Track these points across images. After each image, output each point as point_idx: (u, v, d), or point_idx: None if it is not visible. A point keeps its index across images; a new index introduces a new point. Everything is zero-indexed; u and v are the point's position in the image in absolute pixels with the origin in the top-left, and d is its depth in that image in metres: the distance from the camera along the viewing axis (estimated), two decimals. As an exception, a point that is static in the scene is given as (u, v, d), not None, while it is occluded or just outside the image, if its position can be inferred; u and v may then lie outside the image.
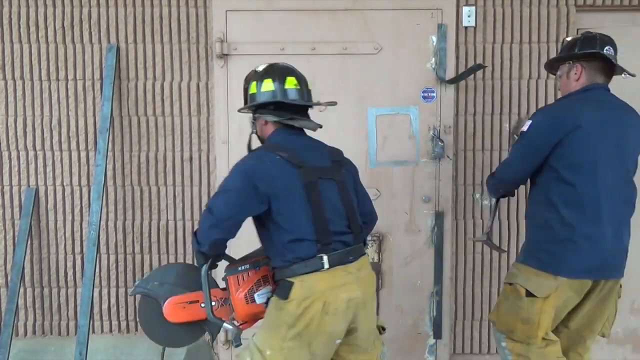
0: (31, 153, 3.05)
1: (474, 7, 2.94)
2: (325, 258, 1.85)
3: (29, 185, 3.07)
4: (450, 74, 2.94)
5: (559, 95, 2.89)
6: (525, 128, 2.16)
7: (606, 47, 2.15)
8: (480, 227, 3.03)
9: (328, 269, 1.85)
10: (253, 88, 2.00)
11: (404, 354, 3.08)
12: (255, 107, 2.02)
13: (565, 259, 2.09)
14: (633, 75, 2.24)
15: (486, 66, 2.93)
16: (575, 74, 2.19)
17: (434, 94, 2.96)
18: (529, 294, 2.12)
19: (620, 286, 2.26)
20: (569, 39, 2.29)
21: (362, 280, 1.94)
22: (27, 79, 3.02)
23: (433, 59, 2.95)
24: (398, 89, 2.97)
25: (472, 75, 2.94)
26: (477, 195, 3.04)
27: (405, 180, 3.00)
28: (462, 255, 3.06)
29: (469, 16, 2.94)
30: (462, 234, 3.05)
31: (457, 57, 2.96)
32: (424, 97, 2.97)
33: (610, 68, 2.20)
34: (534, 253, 2.17)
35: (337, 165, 2.02)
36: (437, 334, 3.04)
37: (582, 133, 2.04)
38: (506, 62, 2.98)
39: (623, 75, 2.25)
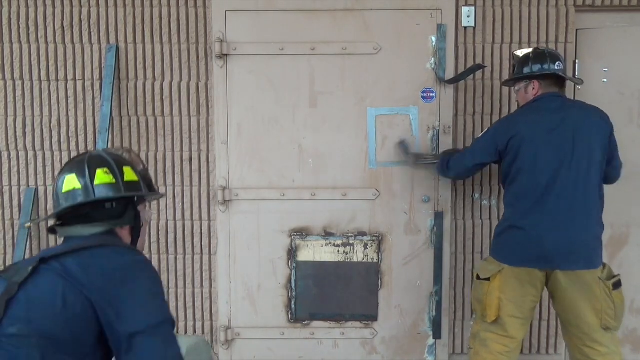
0: (30, 153, 3.05)
1: (473, 8, 2.94)
2: None
3: (28, 186, 3.06)
4: (449, 74, 2.94)
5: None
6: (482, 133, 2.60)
7: (557, 63, 2.46)
8: (480, 227, 3.04)
9: None
10: None
11: (404, 354, 3.08)
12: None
13: (506, 248, 2.42)
14: (581, 82, 2.74)
15: (486, 66, 2.94)
16: (533, 89, 2.49)
17: (434, 94, 2.97)
18: (478, 278, 2.47)
19: (611, 277, 2.39)
20: (519, 53, 2.57)
21: None
22: (26, 79, 3.02)
23: (432, 59, 2.95)
24: (397, 89, 2.97)
25: (472, 76, 2.94)
26: (477, 195, 3.04)
27: (405, 181, 3.00)
28: (462, 255, 3.07)
29: (468, 16, 2.94)
30: (462, 234, 3.05)
31: (457, 58, 2.96)
32: (424, 97, 2.97)
33: (563, 78, 2.50)
34: (492, 245, 2.55)
35: None
36: (437, 334, 3.04)
37: (519, 138, 2.37)
38: (506, 63, 2.98)
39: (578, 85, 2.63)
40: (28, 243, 3.04)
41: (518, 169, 2.38)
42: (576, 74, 2.98)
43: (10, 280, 1.37)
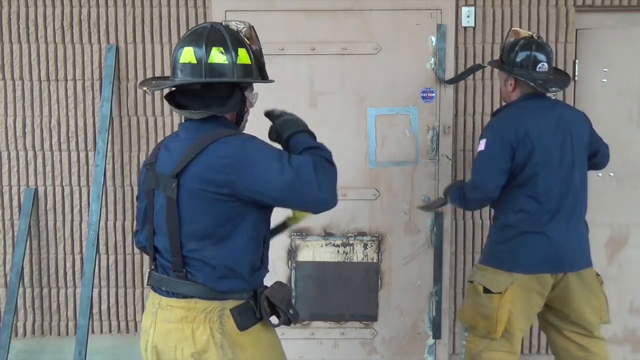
0: (30, 153, 3.05)
1: (473, 8, 2.94)
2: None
3: (28, 186, 3.06)
4: (449, 74, 2.94)
5: (558, 95, 2.93)
6: (481, 147, 2.31)
7: (539, 65, 2.32)
8: (480, 227, 3.04)
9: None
10: None
11: (403, 354, 3.08)
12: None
13: (517, 256, 2.26)
14: (559, 90, 2.50)
15: (485, 66, 2.93)
16: (511, 85, 2.37)
17: (433, 94, 2.97)
18: (487, 291, 2.27)
19: (598, 275, 2.40)
20: (512, 40, 2.40)
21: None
22: (26, 79, 3.02)
23: (432, 59, 2.95)
24: (397, 89, 2.97)
25: (472, 76, 2.94)
26: (477, 196, 3.04)
27: (405, 181, 3.00)
28: (462, 255, 3.06)
29: (468, 16, 2.94)
30: (462, 234, 3.05)
31: (457, 57, 2.96)
32: (424, 97, 2.97)
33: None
34: (492, 253, 2.35)
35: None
36: (437, 334, 3.04)
37: (530, 140, 2.23)
38: (505, 63, 2.98)
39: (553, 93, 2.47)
40: (28, 243, 3.04)
41: (532, 171, 2.24)
42: (576, 74, 2.98)
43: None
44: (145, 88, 1.68)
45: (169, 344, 1.55)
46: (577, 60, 3.00)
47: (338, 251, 3.03)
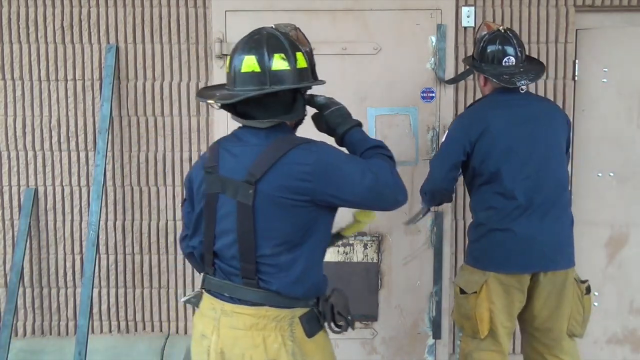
0: (30, 153, 3.05)
1: (473, 8, 2.94)
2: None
3: (28, 186, 3.06)
4: (449, 74, 2.94)
5: (558, 95, 2.93)
6: (442, 139, 2.35)
7: (505, 59, 2.27)
8: (479, 227, 3.04)
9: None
10: None
11: (403, 354, 3.08)
12: None
13: (488, 254, 2.23)
14: (529, 83, 2.34)
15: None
16: (482, 80, 2.38)
17: (434, 94, 2.97)
18: (462, 291, 2.27)
19: (583, 282, 2.32)
20: (482, 34, 2.38)
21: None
22: (26, 79, 3.02)
23: (432, 59, 2.95)
24: (397, 89, 2.97)
25: (472, 76, 2.93)
26: (477, 196, 3.04)
27: (405, 180, 2.95)
28: (462, 255, 3.06)
29: (468, 16, 2.94)
30: (462, 234, 3.05)
31: (457, 58, 2.96)
32: (423, 97, 2.97)
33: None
34: (469, 252, 2.35)
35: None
36: (437, 334, 3.04)
37: (491, 134, 2.19)
38: (505, 63, 2.98)
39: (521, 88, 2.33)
40: (28, 243, 3.04)
41: (495, 167, 2.20)
42: (576, 74, 2.98)
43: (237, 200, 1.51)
44: (211, 101, 1.60)
45: (236, 351, 1.52)
46: (577, 60, 2.99)
47: (338, 251, 3.02)
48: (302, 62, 1.59)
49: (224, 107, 1.62)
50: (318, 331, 1.58)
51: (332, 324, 1.61)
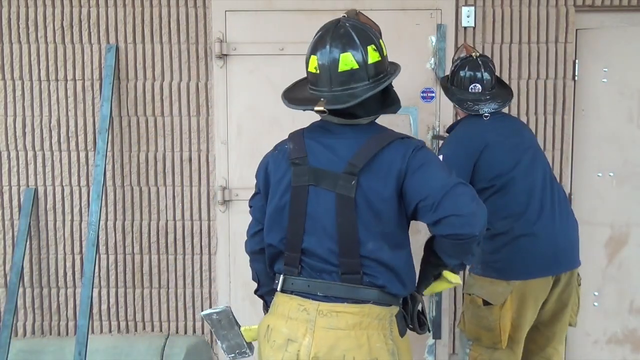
0: (30, 153, 3.05)
1: (473, 8, 2.94)
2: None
3: (28, 186, 3.06)
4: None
5: (558, 96, 2.93)
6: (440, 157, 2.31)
7: (471, 86, 2.32)
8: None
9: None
10: None
11: (404, 354, 3.08)
12: None
13: (520, 262, 2.17)
14: (493, 111, 2.32)
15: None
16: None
17: (434, 94, 2.97)
18: (486, 303, 2.19)
19: (578, 274, 2.33)
20: (461, 56, 2.41)
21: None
22: (26, 79, 3.02)
23: (432, 59, 2.95)
24: (397, 89, 2.93)
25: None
26: (477, 196, 3.04)
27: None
28: (462, 255, 3.06)
29: (468, 16, 2.94)
30: (462, 234, 3.05)
31: (457, 58, 2.96)
32: (423, 97, 2.97)
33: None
34: (488, 265, 2.25)
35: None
36: (437, 335, 3.04)
37: (491, 148, 2.20)
38: (505, 63, 2.98)
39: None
40: (28, 243, 3.04)
41: (505, 178, 2.20)
42: (576, 74, 2.99)
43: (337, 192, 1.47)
44: (319, 108, 1.49)
45: (336, 353, 1.45)
46: (577, 60, 3.00)
47: (338, 251, 3.02)
48: (385, 50, 1.55)
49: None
50: (406, 331, 1.57)
51: (417, 324, 1.61)
